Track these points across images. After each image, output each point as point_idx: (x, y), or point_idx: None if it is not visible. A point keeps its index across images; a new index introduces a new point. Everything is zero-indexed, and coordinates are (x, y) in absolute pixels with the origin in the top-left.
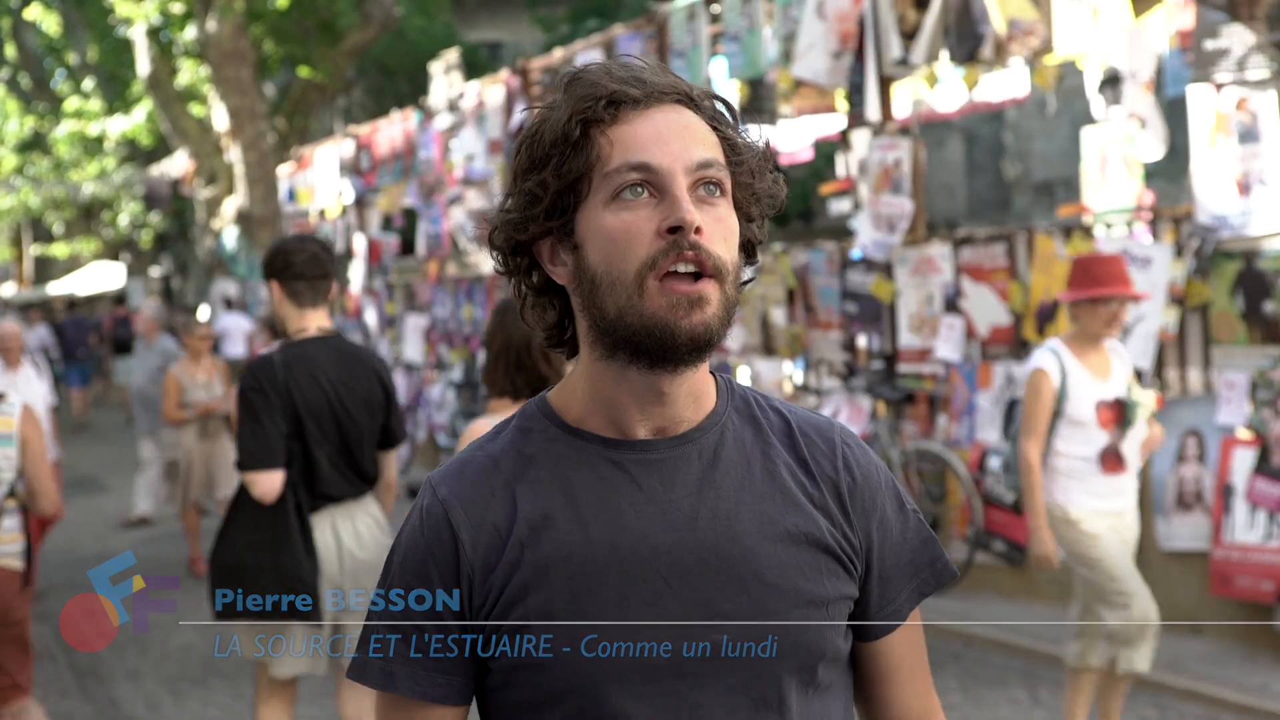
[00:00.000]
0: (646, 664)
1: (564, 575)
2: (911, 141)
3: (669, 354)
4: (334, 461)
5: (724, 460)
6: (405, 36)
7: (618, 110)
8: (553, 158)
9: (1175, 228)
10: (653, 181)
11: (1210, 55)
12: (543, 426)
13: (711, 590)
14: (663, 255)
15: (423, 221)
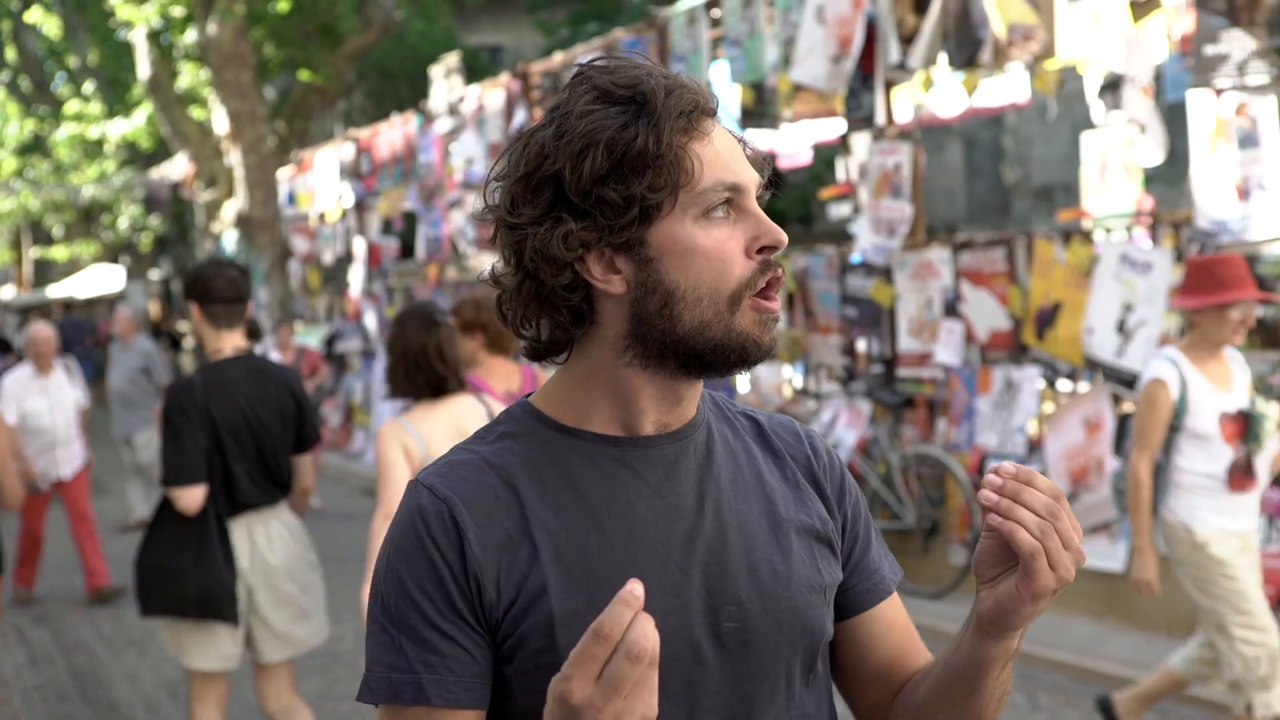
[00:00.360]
0: (668, 655)
1: (582, 572)
2: (911, 146)
3: (736, 366)
4: (250, 473)
5: (716, 454)
6: (406, 40)
7: (699, 122)
8: (648, 170)
9: (1175, 233)
10: (735, 200)
11: (1210, 60)
12: (533, 429)
13: (722, 577)
14: (759, 275)
15: (422, 225)
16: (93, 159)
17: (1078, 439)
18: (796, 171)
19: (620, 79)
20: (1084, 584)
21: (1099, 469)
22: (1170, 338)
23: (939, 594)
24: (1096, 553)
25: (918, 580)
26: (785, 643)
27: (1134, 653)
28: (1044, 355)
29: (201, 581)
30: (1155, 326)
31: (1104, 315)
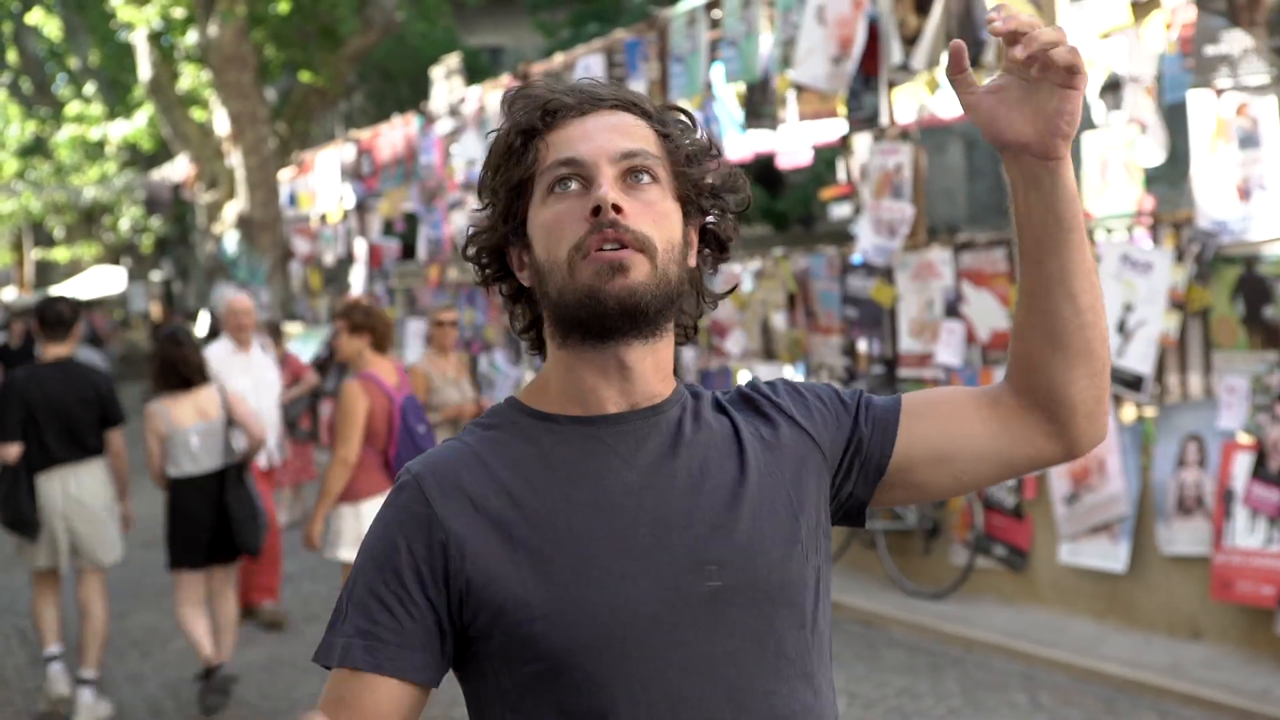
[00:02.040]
0: (644, 618)
1: (551, 540)
2: (912, 146)
3: (603, 320)
4: (59, 439)
5: (687, 427)
6: (406, 41)
7: (554, 119)
8: (500, 167)
9: (1175, 233)
10: (580, 174)
11: (1211, 60)
12: (513, 418)
13: (698, 540)
14: (586, 237)
15: (424, 226)
16: (94, 160)
17: None
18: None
19: (512, 95)
20: (1085, 584)
21: (1100, 469)
22: (1169, 338)
23: (940, 594)
24: (1098, 553)
25: (919, 580)
26: (765, 598)
27: (1134, 653)
28: None
29: (10, 510)
30: (1155, 327)
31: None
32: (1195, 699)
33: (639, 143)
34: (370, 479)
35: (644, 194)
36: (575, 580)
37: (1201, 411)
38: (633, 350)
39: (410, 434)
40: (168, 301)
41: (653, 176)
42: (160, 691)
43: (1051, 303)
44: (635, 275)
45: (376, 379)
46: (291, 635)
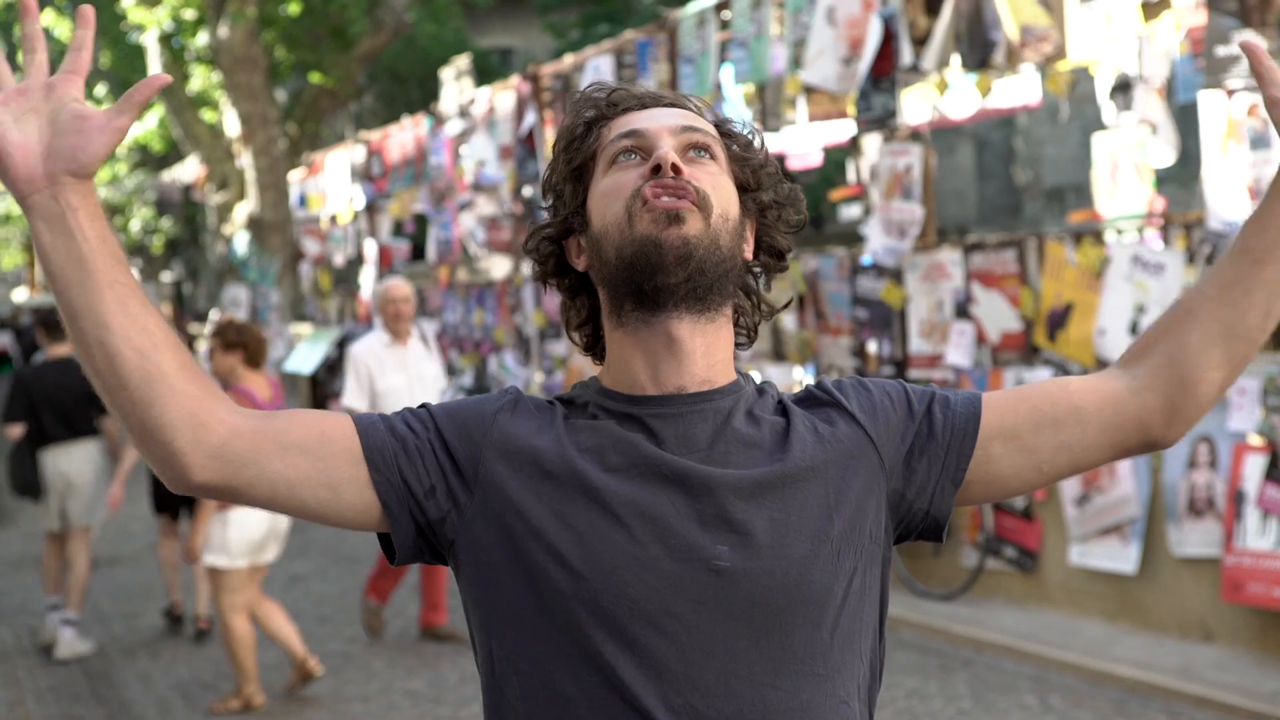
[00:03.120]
0: (652, 588)
1: (581, 493)
2: (922, 147)
3: (660, 273)
4: (55, 423)
5: (736, 417)
6: (416, 42)
7: (617, 108)
8: (563, 155)
9: (1187, 234)
10: (641, 146)
11: (1222, 61)
12: (586, 393)
13: (720, 521)
14: (644, 182)
15: (433, 227)
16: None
17: None
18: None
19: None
20: (1096, 586)
21: (1111, 471)
22: None
23: (950, 595)
24: (1109, 554)
25: (929, 582)
26: (778, 589)
27: (1146, 654)
28: (1055, 357)
29: (19, 478)
30: None
31: (1116, 317)
32: (1207, 701)
33: (699, 123)
34: None
35: (703, 166)
36: (595, 539)
37: (1212, 413)
38: (683, 324)
39: None
40: (178, 302)
41: (711, 155)
42: (170, 691)
43: (1249, 302)
44: (690, 227)
45: (249, 393)
46: (302, 636)
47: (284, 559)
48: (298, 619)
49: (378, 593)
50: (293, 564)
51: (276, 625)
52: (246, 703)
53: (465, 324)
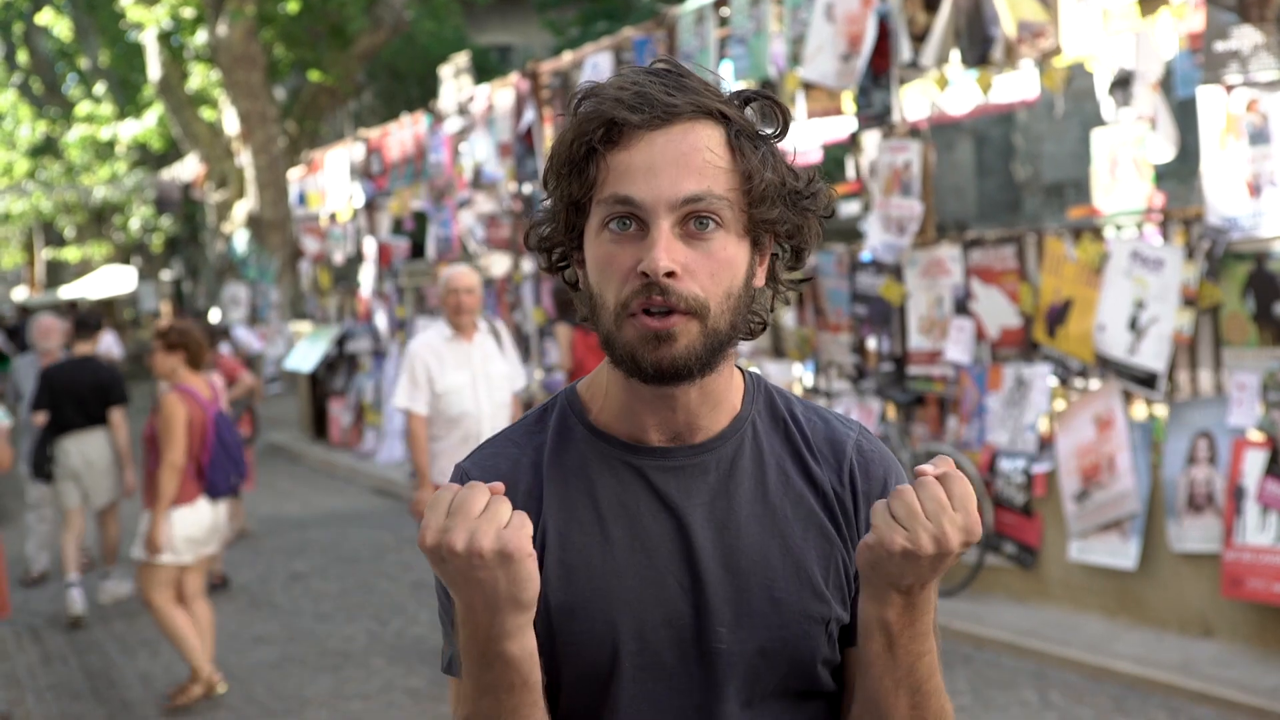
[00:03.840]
0: (648, 663)
1: (583, 573)
2: (921, 143)
3: (646, 380)
4: (74, 412)
5: (739, 472)
6: (415, 40)
7: (619, 133)
8: (560, 179)
9: (1186, 229)
10: (637, 215)
11: (1221, 56)
12: (569, 422)
13: (721, 599)
14: (634, 297)
15: (433, 225)
16: (104, 160)
17: (1089, 437)
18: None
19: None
20: (1096, 582)
21: (1110, 466)
22: (1183, 335)
23: (950, 591)
24: (1108, 550)
25: None
26: (767, 668)
27: (1146, 650)
28: (1055, 353)
29: (38, 461)
30: (1168, 324)
31: (1115, 312)
32: (1206, 697)
33: (705, 181)
34: (182, 488)
35: (705, 244)
36: (594, 609)
37: (1212, 408)
38: (681, 392)
39: (223, 444)
40: (178, 300)
41: (718, 221)
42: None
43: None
44: (680, 344)
45: (192, 392)
46: (302, 635)
47: (284, 558)
48: (298, 617)
49: None
50: (292, 563)
51: (185, 626)
52: (208, 687)
53: None
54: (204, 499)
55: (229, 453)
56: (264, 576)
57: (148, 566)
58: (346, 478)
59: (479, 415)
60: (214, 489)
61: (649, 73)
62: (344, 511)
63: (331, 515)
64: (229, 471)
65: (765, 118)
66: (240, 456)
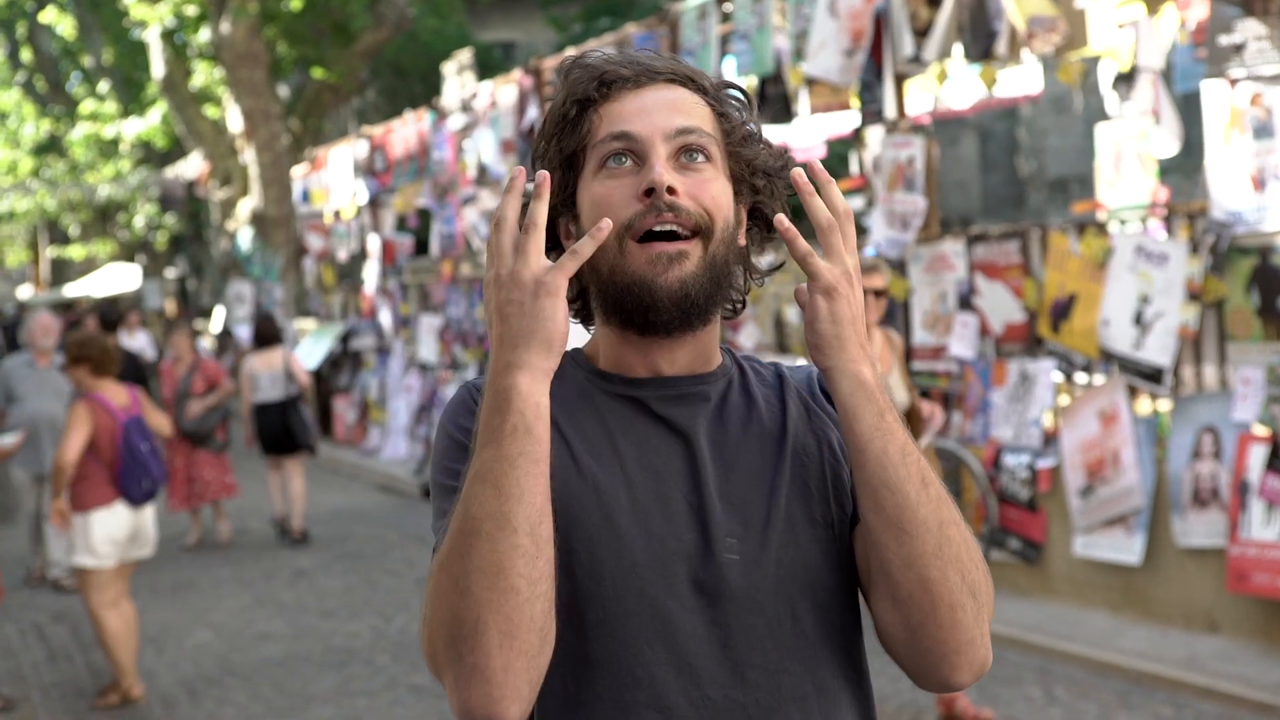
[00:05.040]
0: (664, 579)
1: (594, 486)
2: (925, 139)
3: (651, 313)
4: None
5: (731, 402)
6: (418, 37)
7: (610, 89)
8: (554, 136)
9: (1190, 224)
10: (633, 149)
11: (1224, 50)
12: (573, 372)
13: (727, 511)
14: (639, 217)
15: (436, 222)
16: (108, 158)
17: (1093, 432)
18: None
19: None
20: (1101, 577)
21: (1115, 461)
22: (1189, 330)
23: None
24: (1113, 545)
25: None
26: (785, 576)
27: (1150, 645)
28: (1059, 348)
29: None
30: (1173, 319)
31: (1120, 307)
32: (1211, 692)
33: (694, 119)
34: (98, 492)
35: (698, 173)
36: (611, 525)
37: (1216, 403)
38: (674, 344)
39: (132, 452)
40: (183, 298)
41: (706, 155)
42: (175, 687)
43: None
44: (688, 265)
45: (102, 400)
46: (306, 631)
47: (288, 554)
48: (302, 614)
49: None
50: (297, 559)
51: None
52: (125, 695)
53: (469, 318)
54: (121, 503)
55: (138, 459)
56: (268, 573)
57: (81, 572)
58: (351, 474)
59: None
60: (129, 495)
61: (633, 51)
62: (348, 508)
63: (336, 512)
64: (140, 478)
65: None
66: (150, 464)
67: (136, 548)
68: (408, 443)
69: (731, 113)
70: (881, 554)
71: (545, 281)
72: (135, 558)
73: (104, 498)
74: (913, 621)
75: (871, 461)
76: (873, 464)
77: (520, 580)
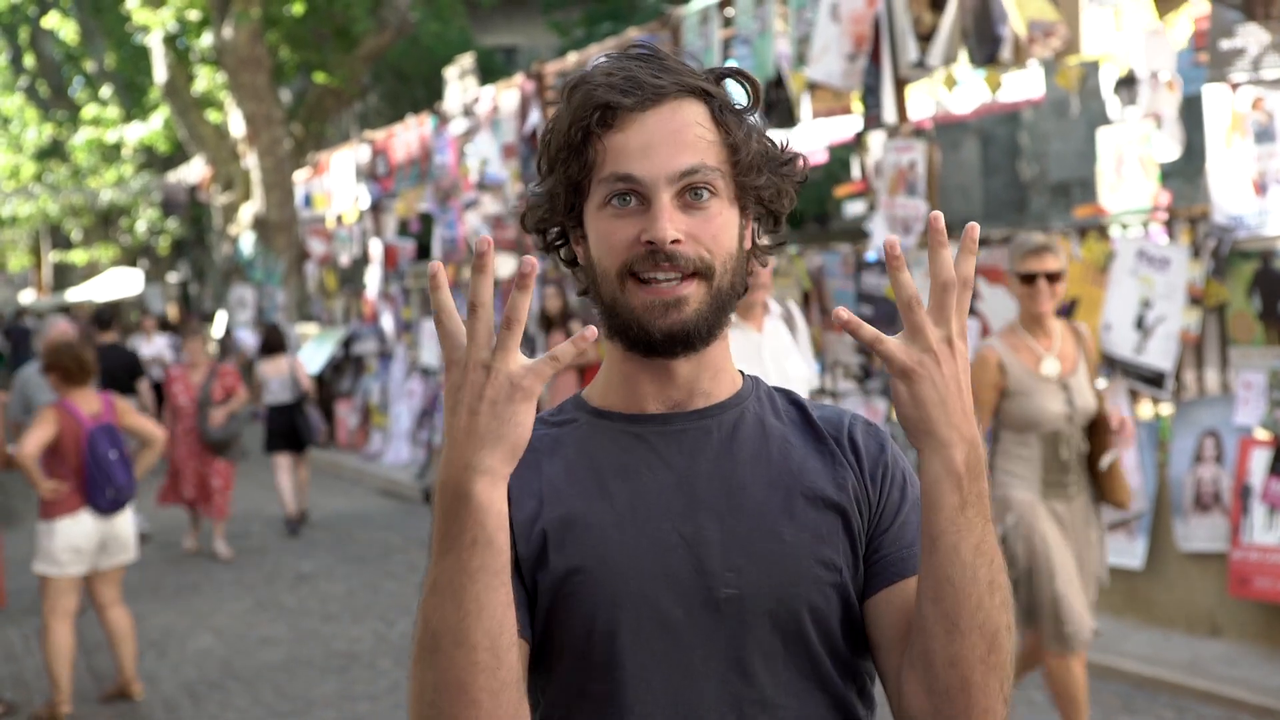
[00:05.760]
0: (659, 617)
1: (582, 530)
2: (927, 143)
3: (652, 349)
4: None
5: (742, 435)
6: (420, 42)
7: (614, 116)
8: (558, 163)
9: (1191, 228)
10: (638, 191)
11: (1226, 55)
12: (573, 415)
13: (724, 544)
14: (639, 261)
15: (438, 226)
16: (110, 163)
17: None
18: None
19: (572, 83)
20: None
21: None
22: (1190, 334)
23: None
24: (1115, 550)
25: None
26: (784, 612)
27: (1152, 649)
28: None
29: None
30: (1175, 323)
31: (1122, 311)
32: (1213, 696)
33: (699, 154)
34: (64, 500)
35: (702, 211)
36: (603, 568)
37: (1218, 407)
38: (678, 361)
39: (96, 460)
40: (185, 303)
41: (711, 190)
42: (177, 691)
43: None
44: (689, 308)
45: (70, 407)
46: (309, 636)
47: (291, 558)
48: (304, 618)
49: None
50: (300, 563)
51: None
52: (52, 713)
53: None
54: (87, 512)
55: (103, 468)
56: (270, 577)
57: (43, 579)
58: (353, 479)
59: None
60: (94, 504)
61: (631, 58)
62: (351, 513)
63: (338, 516)
64: (105, 487)
65: (739, 92)
66: (116, 473)
67: (110, 556)
68: (410, 447)
69: (736, 129)
70: (928, 644)
71: (522, 386)
72: (112, 565)
73: (69, 506)
74: (942, 715)
75: (941, 555)
76: (942, 557)
77: (482, 694)
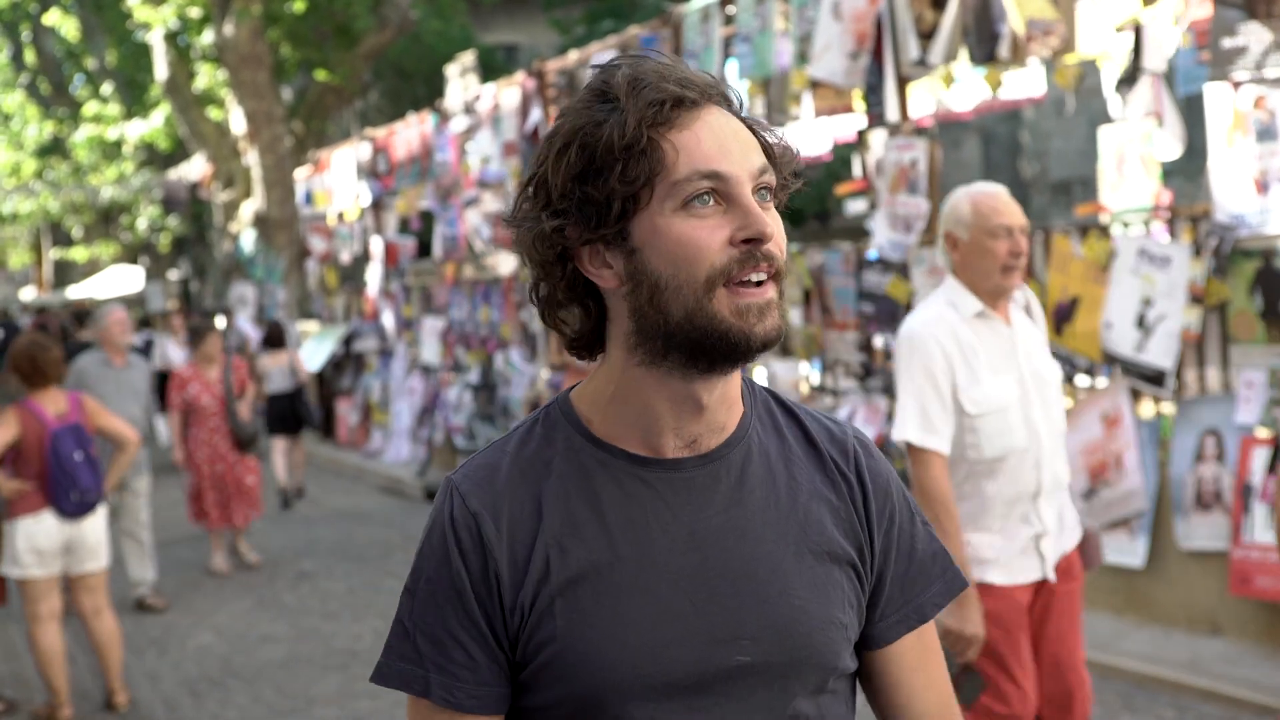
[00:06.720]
0: (668, 682)
1: (591, 592)
2: (928, 141)
3: (739, 357)
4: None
5: (751, 477)
6: (421, 39)
7: (678, 114)
8: (618, 164)
9: (1193, 227)
10: (721, 190)
11: (1228, 53)
12: (567, 434)
13: (738, 610)
14: (738, 265)
15: (439, 224)
16: (111, 160)
17: (1096, 435)
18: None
19: (605, 75)
20: (1104, 579)
21: (1118, 464)
22: (1192, 333)
23: None
24: (1116, 548)
25: None
26: (795, 677)
27: (1153, 648)
28: (1062, 350)
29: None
30: (1176, 321)
31: (1123, 310)
32: (1214, 694)
33: (761, 156)
34: (25, 500)
35: (770, 212)
36: (609, 632)
37: (1219, 406)
38: (714, 387)
39: (59, 461)
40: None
41: (772, 193)
42: (178, 689)
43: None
44: (776, 315)
45: (33, 408)
46: (309, 634)
47: (291, 556)
48: (304, 616)
49: None
50: (300, 562)
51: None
52: (52, 714)
53: (471, 320)
54: (50, 513)
55: (65, 469)
56: (271, 575)
57: (19, 584)
58: (354, 476)
59: (1037, 452)
60: (57, 506)
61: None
62: (351, 510)
63: (338, 514)
64: (69, 488)
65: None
66: (81, 475)
67: (78, 561)
68: (410, 445)
69: (769, 142)
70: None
71: None
72: (84, 572)
73: (30, 506)
74: None
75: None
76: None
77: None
